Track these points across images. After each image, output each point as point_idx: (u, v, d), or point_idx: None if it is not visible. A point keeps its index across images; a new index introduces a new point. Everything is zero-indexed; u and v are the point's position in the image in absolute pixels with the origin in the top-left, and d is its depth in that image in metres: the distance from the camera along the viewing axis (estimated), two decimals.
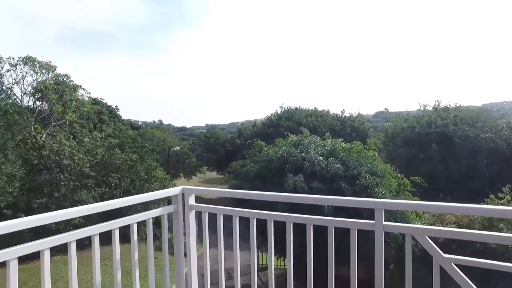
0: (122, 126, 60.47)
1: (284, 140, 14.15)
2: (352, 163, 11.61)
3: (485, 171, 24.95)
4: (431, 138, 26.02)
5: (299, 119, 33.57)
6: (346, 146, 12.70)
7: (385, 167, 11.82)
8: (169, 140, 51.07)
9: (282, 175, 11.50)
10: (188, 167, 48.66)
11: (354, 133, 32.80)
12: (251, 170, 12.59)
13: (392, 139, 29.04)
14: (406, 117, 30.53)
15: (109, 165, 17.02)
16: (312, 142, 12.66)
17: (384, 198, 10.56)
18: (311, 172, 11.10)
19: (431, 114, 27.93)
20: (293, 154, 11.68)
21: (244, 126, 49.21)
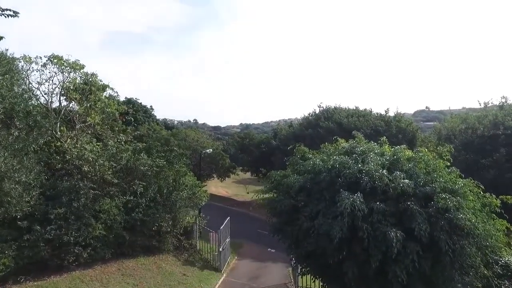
0: (156, 126, 60.71)
1: (333, 146, 11.89)
2: (422, 177, 9.15)
3: None
4: (498, 141, 22.48)
5: (339, 119, 30.88)
6: (410, 155, 10.23)
7: (466, 183, 9.24)
8: (202, 140, 50.16)
9: (333, 191, 9.29)
10: (222, 168, 47.49)
11: (401, 134, 29.62)
12: (294, 182, 10.49)
13: (448, 142, 25.64)
14: (463, 117, 26.93)
15: (134, 171, 15.62)
16: (369, 149, 10.30)
17: (474, 226, 8.05)
18: (371, 188, 8.80)
19: (497, 113, 24.22)
20: (347, 166, 9.42)
21: (279, 127, 47.00)
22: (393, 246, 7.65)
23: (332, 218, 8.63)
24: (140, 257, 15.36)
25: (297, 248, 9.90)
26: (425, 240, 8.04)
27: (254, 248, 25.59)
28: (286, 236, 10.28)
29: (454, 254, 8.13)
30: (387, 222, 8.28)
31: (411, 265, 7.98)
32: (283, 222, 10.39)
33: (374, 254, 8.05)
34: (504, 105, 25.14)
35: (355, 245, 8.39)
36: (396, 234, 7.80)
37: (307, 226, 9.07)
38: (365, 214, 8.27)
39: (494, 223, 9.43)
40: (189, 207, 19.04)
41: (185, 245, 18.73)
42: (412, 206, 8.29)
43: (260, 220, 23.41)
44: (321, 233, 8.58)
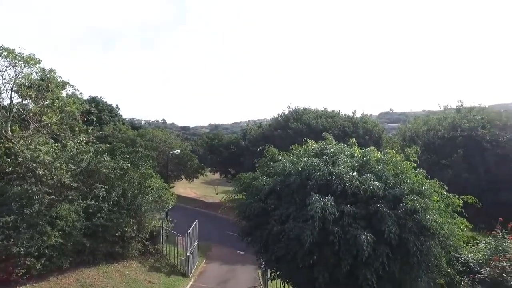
0: (122, 126, 58.51)
1: (303, 148, 11.76)
2: (391, 179, 9.21)
3: None
4: (457, 143, 23.57)
5: (308, 120, 31.14)
6: (379, 157, 10.30)
7: (431, 184, 9.42)
8: (170, 140, 49.00)
9: (304, 194, 9.13)
10: (190, 169, 46.64)
11: (367, 135, 30.38)
12: (263, 185, 10.23)
13: (411, 143, 26.59)
14: (425, 119, 28.05)
15: (96, 174, 14.70)
16: (339, 151, 10.24)
17: (440, 227, 8.17)
18: (341, 191, 8.72)
19: (455, 116, 25.41)
20: (317, 168, 9.29)
21: (249, 127, 46.78)
22: (364, 249, 7.59)
23: (302, 221, 8.47)
24: (102, 265, 14.46)
25: (267, 252, 9.64)
26: (394, 242, 8.06)
27: (223, 251, 25.19)
28: (255, 240, 10.00)
29: (421, 254, 8.22)
30: (357, 225, 8.22)
31: (380, 268, 7.97)
32: (252, 226, 10.11)
33: (345, 257, 7.97)
34: (460, 108, 26.46)
35: (326, 249, 8.27)
36: (367, 237, 7.74)
37: (277, 230, 8.84)
38: (336, 217, 8.17)
39: (456, 222, 9.71)
40: (156, 211, 18.30)
41: (151, 250, 17.96)
42: (382, 209, 8.29)
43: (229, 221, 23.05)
44: (292, 238, 8.39)
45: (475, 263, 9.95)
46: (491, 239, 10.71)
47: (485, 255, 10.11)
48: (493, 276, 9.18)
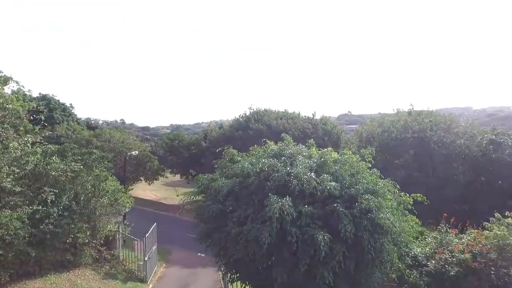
0: (77, 126, 55.39)
1: (262, 149, 11.78)
2: (347, 179, 9.48)
3: (460, 178, 24.23)
4: (408, 144, 24.93)
5: (269, 122, 31.42)
6: (336, 157, 10.57)
7: (385, 184, 9.83)
8: (129, 141, 47.14)
9: (262, 195, 9.13)
10: (149, 170, 45.22)
11: (326, 136, 31.24)
12: (221, 186, 10.10)
13: (367, 144, 27.73)
14: (380, 121, 29.38)
15: (43, 177, 13.71)
16: (297, 152, 10.37)
17: (392, 224, 8.53)
18: (299, 191, 8.82)
19: (407, 118, 26.88)
20: (275, 169, 9.33)
21: (210, 128, 46.31)
22: (321, 248, 7.72)
23: (261, 223, 8.45)
24: (50, 275, 13.47)
25: (226, 255, 9.54)
26: (350, 241, 8.29)
27: (184, 254, 24.66)
28: (214, 242, 9.84)
29: (375, 251, 8.52)
30: (315, 225, 8.36)
31: (337, 266, 8.16)
32: (211, 228, 9.95)
33: (303, 257, 8.06)
34: (411, 111, 28.02)
35: (284, 249, 8.32)
36: (324, 236, 7.89)
37: (235, 232, 8.75)
38: (294, 218, 8.25)
39: (407, 219, 10.22)
40: (111, 215, 17.45)
41: (106, 256, 17.11)
42: (339, 208, 8.49)
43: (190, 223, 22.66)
44: (250, 239, 8.35)
45: (422, 257, 10.53)
46: (437, 234, 11.40)
47: (432, 249, 10.74)
48: (437, 267, 9.78)
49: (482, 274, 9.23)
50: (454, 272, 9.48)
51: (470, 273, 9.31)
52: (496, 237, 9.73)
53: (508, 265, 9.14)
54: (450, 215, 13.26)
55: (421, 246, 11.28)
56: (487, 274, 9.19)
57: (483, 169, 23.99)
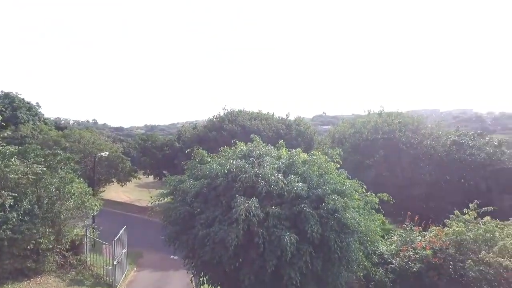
0: (44, 126, 53.13)
1: (231, 150, 11.73)
2: (315, 180, 9.60)
3: (427, 177, 25.11)
4: (378, 144, 25.59)
5: (242, 122, 31.41)
6: (305, 158, 10.69)
7: (352, 184, 10.03)
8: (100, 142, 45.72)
9: (230, 196, 9.09)
10: (122, 172, 44.03)
11: (300, 137, 31.58)
12: (190, 188, 9.97)
13: (340, 144, 28.24)
14: (352, 122, 30.00)
15: (1, 180, 13.02)
16: (266, 153, 10.40)
17: (357, 224, 8.71)
18: (267, 192, 8.84)
19: (377, 120, 27.60)
20: (243, 170, 9.31)
21: (183, 129, 45.73)
22: (287, 249, 7.76)
23: (228, 224, 8.41)
24: (8, 284, 12.78)
25: (194, 257, 9.42)
26: (316, 241, 8.39)
27: (156, 257, 24.17)
28: (182, 245, 9.70)
29: (342, 251, 8.67)
30: (282, 226, 8.40)
31: (304, 266, 8.23)
32: (179, 231, 9.79)
33: (270, 259, 8.07)
34: (382, 113, 28.80)
35: (251, 251, 8.31)
36: (290, 237, 7.94)
37: (202, 234, 8.65)
38: (261, 219, 8.25)
39: (373, 218, 10.48)
40: (78, 218, 16.83)
41: (72, 261, 16.47)
42: (306, 209, 8.57)
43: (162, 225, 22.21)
44: (217, 241, 8.28)
45: (388, 255, 10.83)
46: (402, 232, 11.77)
47: (397, 247, 11.07)
48: (402, 264, 10.10)
49: (441, 269, 9.62)
50: (416, 268, 9.81)
51: (431, 268, 9.67)
52: (454, 233, 10.16)
53: (464, 259, 9.57)
54: (417, 213, 13.74)
55: (387, 244, 11.61)
56: (446, 268, 9.59)
57: (447, 168, 24.97)
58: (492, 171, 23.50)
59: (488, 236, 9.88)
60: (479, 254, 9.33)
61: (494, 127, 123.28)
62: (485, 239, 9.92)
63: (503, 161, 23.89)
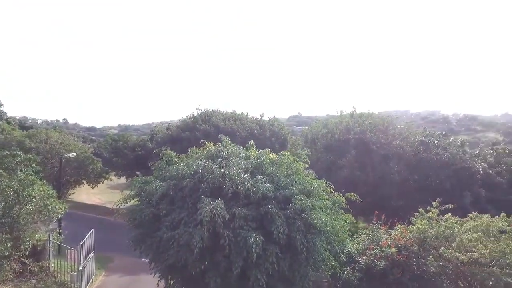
0: (6, 125, 50.60)
1: (200, 150, 11.53)
2: (283, 180, 9.58)
3: (396, 177, 25.84)
4: (350, 144, 26.08)
5: (216, 122, 31.13)
6: (274, 158, 10.66)
7: (319, 184, 10.08)
8: (68, 142, 43.99)
9: (197, 197, 8.91)
10: (92, 173, 42.62)
11: (274, 137, 31.66)
12: (155, 189, 9.69)
13: (313, 145, 28.58)
14: (325, 122, 30.41)
15: None
16: (234, 154, 10.29)
17: (324, 224, 8.75)
18: (233, 193, 8.73)
19: (349, 120, 28.14)
20: (210, 170, 9.15)
21: (156, 129, 44.82)
22: (253, 251, 7.68)
23: (193, 226, 8.24)
24: None
25: (159, 260, 9.17)
26: (283, 242, 8.36)
27: (127, 260, 23.41)
28: (147, 248, 9.42)
29: (308, 251, 8.68)
30: (248, 227, 8.31)
31: (270, 267, 8.17)
32: (144, 233, 9.51)
33: (236, 260, 7.96)
34: (353, 114, 29.42)
35: (217, 253, 8.17)
36: (256, 239, 7.85)
37: (167, 237, 8.43)
38: (227, 220, 8.13)
39: (341, 218, 10.59)
40: (41, 223, 16.00)
41: (32, 269, 15.61)
42: (272, 209, 8.52)
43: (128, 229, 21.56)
44: (182, 244, 8.09)
45: (356, 253, 10.99)
46: (369, 231, 11.99)
47: (364, 245, 11.26)
48: (368, 263, 10.28)
49: (405, 266, 9.89)
50: (382, 266, 10.02)
51: (396, 266, 9.92)
52: (418, 230, 10.45)
53: (426, 255, 9.87)
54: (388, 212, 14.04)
55: (355, 243, 11.79)
56: (409, 265, 9.86)
57: (415, 167, 25.84)
58: (455, 169, 24.51)
59: (448, 232, 10.23)
60: (439, 250, 9.64)
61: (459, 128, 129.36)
62: (446, 236, 10.27)
63: (465, 160, 24.97)
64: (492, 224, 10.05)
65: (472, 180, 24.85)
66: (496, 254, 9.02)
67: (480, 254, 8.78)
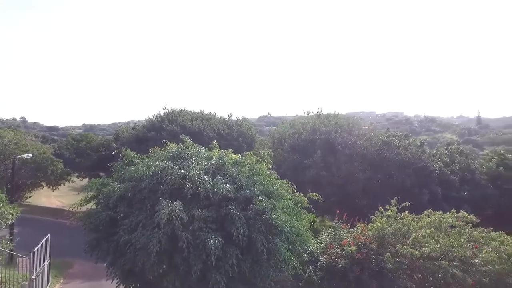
0: None
1: (162, 151, 11.25)
2: (244, 181, 9.52)
3: (360, 176, 26.63)
4: (316, 145, 26.56)
5: (183, 122, 30.64)
6: (236, 158, 10.58)
7: (281, 184, 10.13)
8: (24, 142, 41.51)
9: (156, 199, 8.66)
10: (52, 175, 40.54)
11: (241, 138, 31.61)
12: (113, 191, 9.33)
13: (279, 145, 28.85)
14: (292, 123, 30.81)
15: None
16: (195, 154, 10.11)
17: (284, 225, 8.78)
18: (193, 194, 8.57)
19: (315, 121, 28.67)
20: (169, 171, 8.93)
21: (122, 128, 43.43)
22: (212, 253, 7.56)
23: (152, 229, 8.00)
24: None
25: (116, 265, 8.82)
26: (244, 243, 8.30)
27: (89, 266, 22.24)
28: (103, 253, 9.05)
29: (269, 252, 8.67)
30: (208, 229, 8.18)
31: (230, 269, 8.09)
32: (100, 238, 9.12)
33: (195, 263, 7.81)
34: (320, 114, 30.03)
35: (176, 256, 7.98)
36: (215, 240, 7.75)
37: (124, 240, 8.13)
38: (186, 222, 7.96)
39: (304, 218, 10.70)
40: None
41: None
42: (232, 211, 8.45)
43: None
44: (139, 248, 7.82)
45: (318, 253, 11.14)
46: (331, 229, 12.21)
47: (326, 244, 11.44)
48: (329, 261, 10.46)
49: (364, 263, 10.15)
50: (342, 264, 10.21)
51: (355, 264, 10.15)
52: (377, 228, 10.78)
53: (384, 252, 10.20)
54: (352, 210, 14.40)
55: (318, 242, 11.95)
56: (368, 262, 10.14)
57: (378, 167, 26.75)
58: (414, 168, 25.62)
59: (405, 229, 10.66)
60: (396, 247, 9.99)
61: (420, 129, 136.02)
62: (403, 232, 10.69)
63: (423, 160, 26.17)
64: (444, 220, 10.59)
65: (429, 178, 26.09)
66: (446, 248, 9.52)
67: (431, 249, 9.24)
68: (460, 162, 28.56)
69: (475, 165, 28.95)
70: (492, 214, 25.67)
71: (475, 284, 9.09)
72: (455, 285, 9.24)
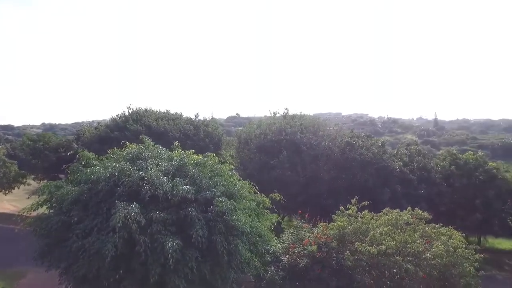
0: None
1: (121, 152, 10.86)
2: (205, 182, 9.41)
3: (325, 176, 27.22)
4: (282, 145, 26.80)
5: (148, 122, 29.88)
6: (198, 159, 10.44)
7: (243, 185, 10.12)
8: None
9: (112, 202, 8.34)
10: (5, 177, 38.10)
11: (208, 138, 31.33)
12: (67, 194, 8.88)
13: (246, 145, 28.83)
14: (258, 123, 30.90)
15: None
16: (155, 155, 9.86)
17: (244, 226, 8.77)
18: (152, 197, 8.34)
19: (281, 122, 28.92)
20: (127, 173, 8.64)
21: (83, 128, 41.61)
22: (169, 257, 7.40)
23: (107, 233, 7.70)
24: None
25: (69, 272, 8.40)
26: (204, 245, 8.20)
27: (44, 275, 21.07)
28: (55, 260, 8.58)
29: (230, 253, 8.64)
30: (167, 232, 8.01)
31: (190, 272, 7.96)
32: (51, 244, 8.65)
33: (153, 267, 7.62)
34: (286, 115, 30.35)
35: (133, 260, 7.74)
36: (173, 243, 7.60)
37: (77, 246, 7.76)
38: (143, 226, 7.74)
39: (267, 218, 10.75)
40: None
41: None
42: (192, 213, 8.32)
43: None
44: (93, 253, 7.50)
45: (280, 252, 11.23)
46: (293, 229, 12.37)
47: (288, 244, 11.56)
48: (291, 261, 10.57)
49: (325, 262, 10.36)
50: (303, 263, 10.36)
51: (316, 262, 10.33)
52: (337, 227, 11.05)
53: (344, 250, 10.48)
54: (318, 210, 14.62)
55: (280, 242, 12.05)
56: (329, 261, 10.36)
57: (342, 167, 27.45)
58: (376, 168, 26.56)
59: (364, 227, 11.01)
60: (355, 245, 10.30)
61: (383, 130, 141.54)
62: (362, 231, 11.03)
63: (384, 160, 27.20)
64: (400, 218, 11.06)
65: (390, 177, 27.14)
66: (401, 244, 9.96)
67: (387, 246, 9.62)
68: (418, 161, 29.92)
69: (431, 165, 30.44)
70: (445, 210, 27.15)
71: (426, 276, 9.59)
72: (409, 278, 9.70)
